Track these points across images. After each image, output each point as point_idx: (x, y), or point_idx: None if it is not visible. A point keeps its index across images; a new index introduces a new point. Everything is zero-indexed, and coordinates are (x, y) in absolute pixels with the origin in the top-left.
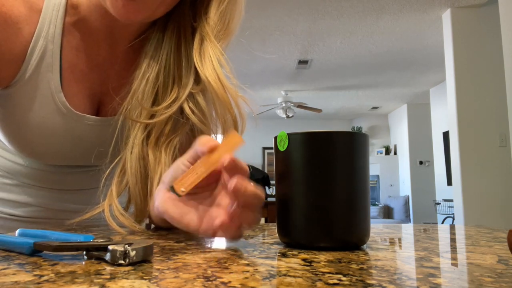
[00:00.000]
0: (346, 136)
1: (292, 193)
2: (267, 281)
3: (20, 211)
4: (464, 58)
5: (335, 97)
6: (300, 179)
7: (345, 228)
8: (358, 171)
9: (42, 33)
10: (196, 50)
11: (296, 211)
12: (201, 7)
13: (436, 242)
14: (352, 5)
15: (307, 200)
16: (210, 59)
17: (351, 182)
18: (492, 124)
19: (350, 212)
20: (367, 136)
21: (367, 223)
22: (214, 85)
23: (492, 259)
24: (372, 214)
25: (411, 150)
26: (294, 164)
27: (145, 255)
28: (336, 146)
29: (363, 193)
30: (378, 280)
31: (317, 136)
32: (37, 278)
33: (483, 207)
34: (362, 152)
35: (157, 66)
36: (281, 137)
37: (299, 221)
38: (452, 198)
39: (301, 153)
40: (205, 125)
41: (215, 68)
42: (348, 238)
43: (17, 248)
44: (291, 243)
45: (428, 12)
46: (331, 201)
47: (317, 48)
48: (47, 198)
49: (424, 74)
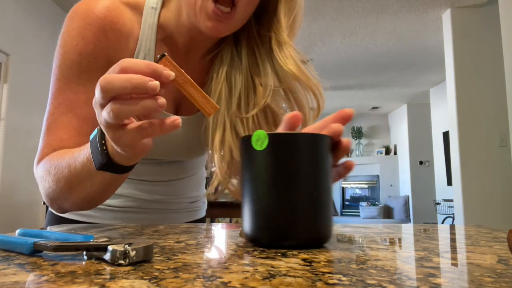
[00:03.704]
0: (309, 138)
1: (256, 193)
2: (267, 281)
3: (115, 202)
4: (464, 58)
5: (335, 97)
6: (263, 179)
7: (308, 227)
8: (321, 172)
9: (141, 48)
10: (277, 53)
11: (260, 210)
12: (271, 18)
13: (436, 242)
14: (352, 5)
15: (270, 200)
16: (291, 57)
17: (313, 183)
18: (492, 124)
19: (312, 212)
20: (328, 138)
21: (330, 222)
22: (299, 75)
23: (492, 259)
24: (372, 214)
25: (411, 150)
26: (258, 164)
27: (145, 255)
28: (299, 148)
29: (325, 193)
30: (378, 280)
31: (280, 137)
32: (37, 278)
33: (483, 207)
34: (324, 153)
35: (239, 73)
36: (259, 136)
37: (263, 220)
38: (452, 198)
39: (266, 153)
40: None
41: (297, 63)
42: (312, 237)
43: (17, 248)
44: (256, 243)
45: (428, 12)
46: (294, 201)
47: (317, 48)
48: (137, 189)
49: (424, 74)
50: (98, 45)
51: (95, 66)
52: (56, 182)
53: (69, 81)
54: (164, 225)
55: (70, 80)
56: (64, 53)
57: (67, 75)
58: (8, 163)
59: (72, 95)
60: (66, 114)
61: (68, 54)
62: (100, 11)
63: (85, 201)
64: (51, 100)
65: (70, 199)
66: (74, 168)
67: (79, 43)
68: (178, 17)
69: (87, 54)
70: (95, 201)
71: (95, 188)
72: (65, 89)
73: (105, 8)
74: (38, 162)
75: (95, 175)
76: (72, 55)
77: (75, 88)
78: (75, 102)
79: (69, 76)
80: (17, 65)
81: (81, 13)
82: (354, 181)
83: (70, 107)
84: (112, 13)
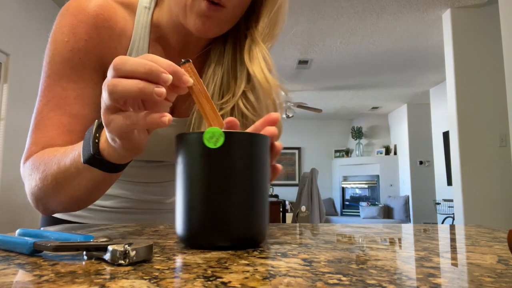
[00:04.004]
0: (245, 137)
1: (190, 192)
2: (267, 281)
3: (109, 203)
4: (464, 58)
5: (335, 97)
6: (198, 178)
7: (242, 227)
8: (256, 172)
9: (134, 47)
10: (247, 51)
11: (194, 210)
12: (253, 17)
13: (436, 242)
14: (352, 5)
15: (204, 200)
16: (257, 57)
17: (248, 182)
18: (492, 124)
19: (247, 212)
20: (266, 138)
21: (265, 221)
22: (259, 77)
23: (492, 259)
24: (372, 214)
25: (411, 150)
26: (193, 163)
27: (145, 255)
28: (234, 147)
29: (261, 193)
30: (378, 280)
31: (233, 136)
32: (37, 278)
33: (483, 207)
34: (260, 153)
35: (221, 71)
36: (213, 134)
37: (196, 220)
38: (452, 198)
39: (200, 152)
40: (256, 117)
41: (260, 64)
42: (246, 237)
43: (17, 248)
44: (190, 243)
45: (428, 12)
46: (228, 200)
47: (317, 48)
48: (130, 190)
49: (424, 74)
50: (90, 42)
51: (87, 63)
52: (43, 180)
53: (59, 77)
54: (164, 225)
55: (60, 77)
56: (54, 50)
57: (57, 72)
58: (8, 163)
59: (62, 92)
60: (55, 111)
61: (58, 50)
62: (92, 8)
63: (71, 202)
64: (40, 98)
65: (56, 198)
66: (63, 165)
67: (70, 40)
68: (169, 17)
69: (79, 50)
70: (82, 202)
71: (82, 186)
72: (54, 86)
73: (97, 6)
74: (25, 160)
75: (82, 172)
76: (63, 51)
77: (65, 84)
78: (65, 99)
79: (59, 72)
80: (17, 65)
81: (73, 10)
82: (354, 181)
83: (59, 104)
84: (104, 10)
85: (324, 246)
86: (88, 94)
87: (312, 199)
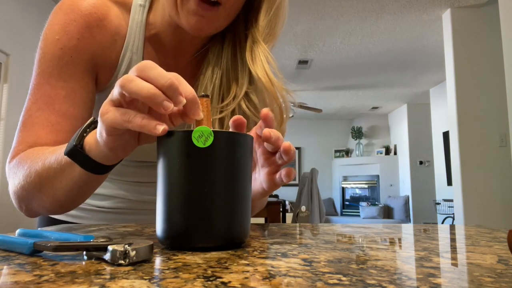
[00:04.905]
0: (227, 136)
1: (172, 192)
2: (267, 281)
3: (106, 203)
4: (464, 58)
5: (335, 97)
6: (179, 178)
7: (224, 227)
8: (239, 171)
9: (129, 46)
10: (249, 52)
11: (176, 210)
12: (252, 16)
13: (436, 242)
14: (352, 5)
15: (185, 200)
16: (260, 58)
17: (230, 182)
18: (492, 124)
19: (229, 212)
20: (249, 137)
21: (247, 222)
22: (263, 80)
23: (492, 259)
24: (372, 214)
25: (411, 150)
26: (174, 162)
27: (145, 255)
28: (217, 146)
29: (243, 193)
30: (378, 280)
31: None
32: (37, 278)
33: (483, 207)
34: (243, 153)
35: (220, 71)
36: (202, 133)
37: (178, 221)
38: (452, 198)
39: (182, 151)
40: (257, 118)
41: (264, 66)
42: (228, 237)
43: (17, 248)
44: (171, 244)
45: (428, 12)
46: (210, 200)
47: (317, 48)
48: (127, 190)
49: (424, 74)
50: (82, 41)
51: (78, 62)
52: (26, 176)
53: (48, 75)
54: None
55: (50, 75)
56: (45, 47)
57: (47, 70)
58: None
59: (50, 90)
60: (43, 110)
61: (49, 48)
62: (86, 7)
63: (54, 203)
64: (29, 96)
65: (38, 198)
66: (48, 162)
67: (61, 38)
68: (164, 15)
69: (70, 49)
70: (64, 204)
71: (63, 186)
72: (43, 84)
73: (91, 4)
74: (11, 159)
75: (65, 169)
76: (54, 49)
77: (55, 83)
78: (53, 97)
79: (49, 70)
80: (17, 65)
81: (65, 9)
82: (354, 181)
83: (48, 103)
84: (98, 9)
85: (324, 246)
86: (78, 93)
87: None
